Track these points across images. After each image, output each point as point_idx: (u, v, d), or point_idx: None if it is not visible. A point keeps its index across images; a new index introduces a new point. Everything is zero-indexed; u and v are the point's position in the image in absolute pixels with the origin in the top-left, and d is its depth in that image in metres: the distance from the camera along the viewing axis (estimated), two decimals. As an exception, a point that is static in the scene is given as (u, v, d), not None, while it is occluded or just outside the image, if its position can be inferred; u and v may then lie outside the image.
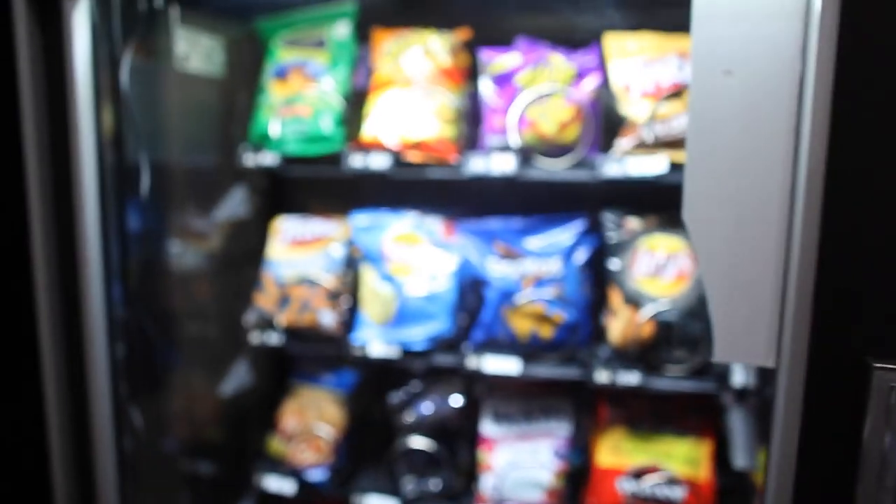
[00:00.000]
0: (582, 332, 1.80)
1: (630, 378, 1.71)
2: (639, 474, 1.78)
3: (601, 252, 1.79)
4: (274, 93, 2.00)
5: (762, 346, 0.93)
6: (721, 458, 1.78)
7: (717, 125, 0.96)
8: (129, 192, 1.68)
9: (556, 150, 1.74)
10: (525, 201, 1.90)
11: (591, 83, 1.75)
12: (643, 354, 1.71)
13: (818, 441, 0.90)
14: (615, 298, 1.73)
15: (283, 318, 1.98)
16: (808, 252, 0.89)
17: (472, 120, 1.88)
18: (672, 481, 1.75)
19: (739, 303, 0.93)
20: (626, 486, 1.78)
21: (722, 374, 1.67)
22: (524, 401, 1.95)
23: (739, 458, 1.46)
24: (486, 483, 1.90)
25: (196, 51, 1.88)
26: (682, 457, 1.80)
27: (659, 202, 1.64)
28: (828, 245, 0.87)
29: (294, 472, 2.06)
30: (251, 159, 1.98)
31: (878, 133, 0.86)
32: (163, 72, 1.78)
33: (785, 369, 0.91)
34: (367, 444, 2.15)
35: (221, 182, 2.07)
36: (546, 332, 1.79)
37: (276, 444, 2.11)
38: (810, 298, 0.92)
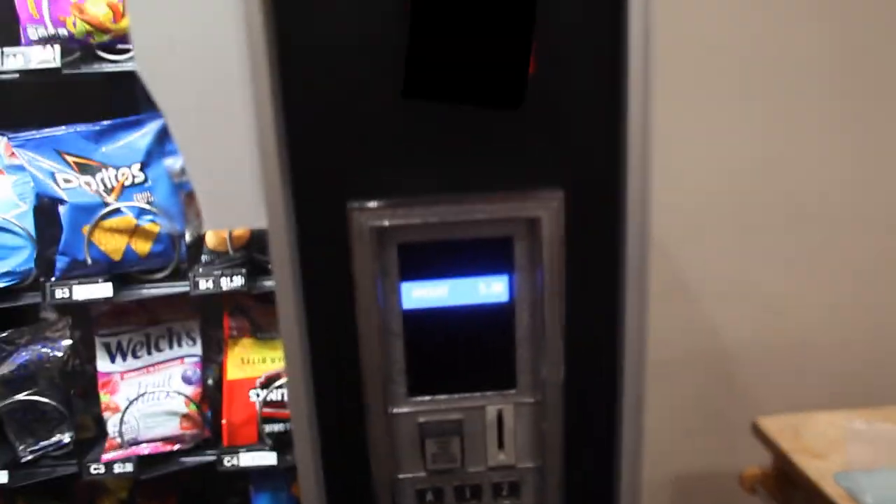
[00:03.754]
0: (184, 241, 1.64)
1: (235, 282, 1.59)
2: (269, 382, 1.69)
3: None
4: None
5: (250, 208, 0.87)
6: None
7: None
8: None
9: (114, 39, 1.52)
10: (77, 101, 1.66)
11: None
12: (245, 254, 1.60)
13: (317, 291, 0.85)
14: (205, 198, 1.59)
15: None
16: (263, 108, 0.78)
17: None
18: (306, 382, 1.69)
19: (219, 168, 0.85)
20: (258, 396, 1.69)
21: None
22: (145, 328, 1.77)
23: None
24: (115, 425, 1.71)
25: None
26: (316, 355, 1.74)
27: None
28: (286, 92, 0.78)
29: None
30: None
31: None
32: None
33: (273, 228, 0.86)
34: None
35: None
36: (142, 246, 1.61)
37: None
38: (282, 152, 0.84)
